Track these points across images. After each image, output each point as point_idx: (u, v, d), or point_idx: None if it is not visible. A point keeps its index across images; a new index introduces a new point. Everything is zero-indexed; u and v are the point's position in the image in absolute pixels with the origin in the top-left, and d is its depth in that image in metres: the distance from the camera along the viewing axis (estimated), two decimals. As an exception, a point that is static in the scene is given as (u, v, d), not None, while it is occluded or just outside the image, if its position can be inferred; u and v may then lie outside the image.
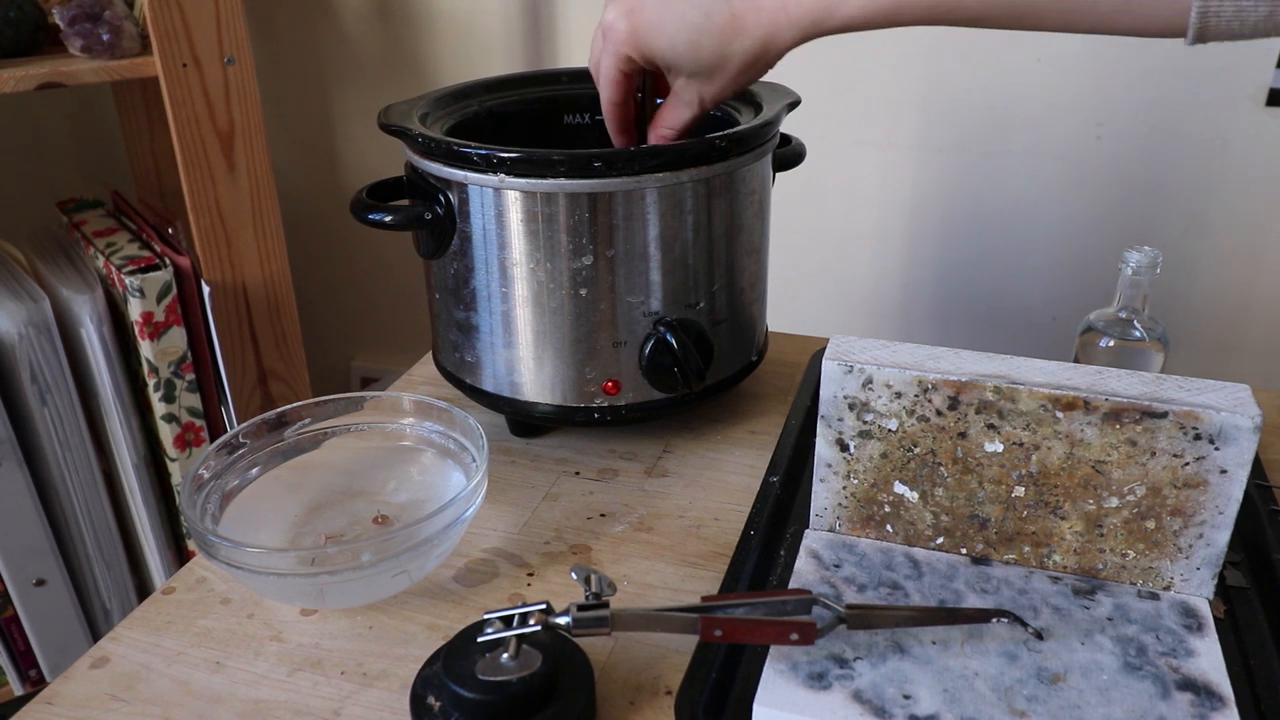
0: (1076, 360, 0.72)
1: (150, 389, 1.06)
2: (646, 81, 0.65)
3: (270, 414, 0.62)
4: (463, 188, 0.63)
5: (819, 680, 0.46)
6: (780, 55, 0.55)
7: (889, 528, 0.56)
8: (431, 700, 0.46)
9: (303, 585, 0.51)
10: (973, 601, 0.51)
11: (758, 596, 0.49)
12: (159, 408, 1.07)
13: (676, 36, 0.54)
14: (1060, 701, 0.45)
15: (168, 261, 1.02)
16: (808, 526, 0.57)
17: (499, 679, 0.44)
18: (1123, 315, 0.70)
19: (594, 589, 0.47)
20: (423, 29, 1.32)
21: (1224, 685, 0.46)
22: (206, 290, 1.04)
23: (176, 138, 1.01)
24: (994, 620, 0.48)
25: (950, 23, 0.50)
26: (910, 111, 1.12)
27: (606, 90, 0.60)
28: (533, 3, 1.24)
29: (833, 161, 1.17)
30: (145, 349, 1.03)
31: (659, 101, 0.65)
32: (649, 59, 0.56)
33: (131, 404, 1.07)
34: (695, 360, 0.65)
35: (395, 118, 0.67)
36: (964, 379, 0.51)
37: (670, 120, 0.61)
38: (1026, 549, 0.54)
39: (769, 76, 0.75)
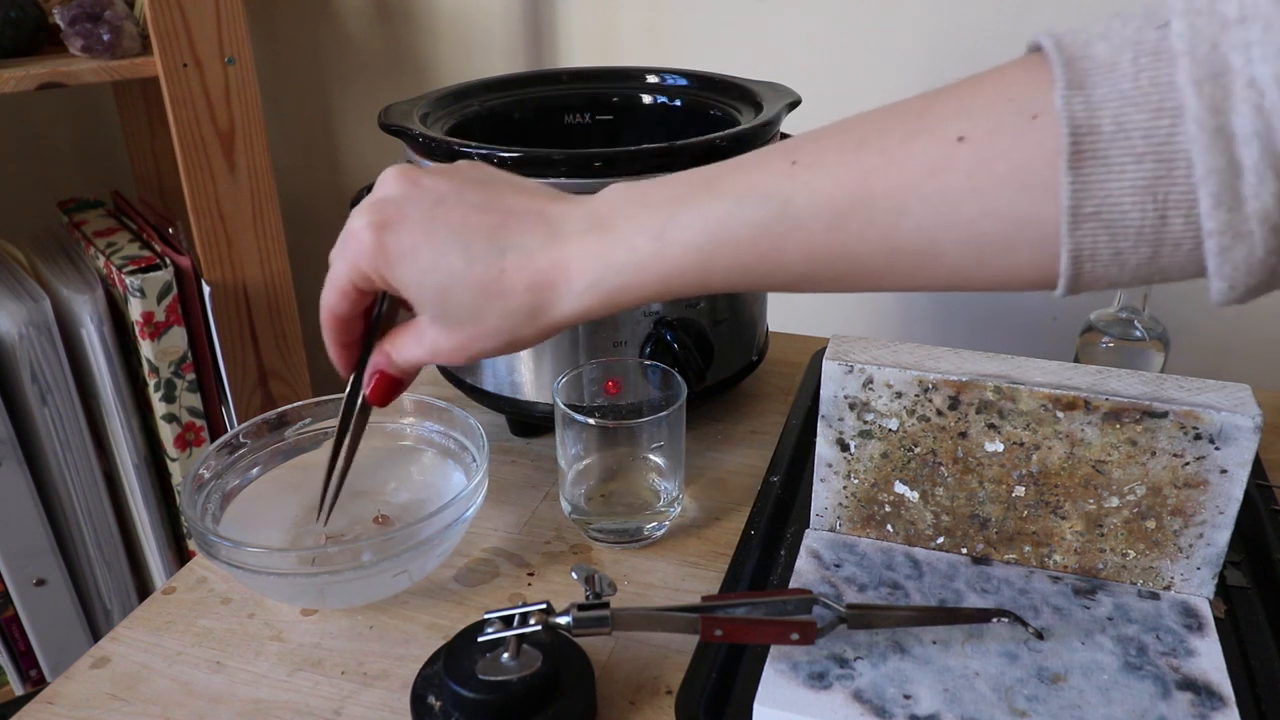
0: (1077, 360, 0.72)
1: (150, 389, 1.05)
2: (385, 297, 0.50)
3: (271, 414, 0.62)
4: (463, 188, 0.63)
5: (819, 680, 0.46)
6: (559, 329, 0.44)
7: (889, 527, 0.56)
8: (432, 700, 0.46)
9: (303, 585, 0.51)
10: (973, 601, 0.51)
11: (758, 596, 0.49)
12: (159, 408, 1.07)
13: (426, 276, 0.43)
14: (1061, 701, 0.45)
15: (168, 261, 1.02)
16: (808, 526, 0.57)
17: (499, 679, 0.44)
18: (1123, 315, 0.70)
19: (594, 589, 0.47)
20: (423, 29, 1.32)
21: (1224, 685, 0.46)
22: (207, 290, 1.04)
23: (177, 138, 1.01)
24: (994, 620, 0.48)
25: (766, 288, 0.42)
26: (910, 111, 1.12)
27: (330, 297, 0.47)
28: (533, 3, 1.24)
29: (833, 161, 1.16)
30: (145, 349, 1.03)
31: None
32: (391, 286, 0.44)
33: (132, 404, 1.07)
34: (695, 360, 0.65)
35: (396, 118, 0.67)
36: (964, 379, 0.51)
37: (403, 351, 0.48)
38: (1027, 549, 0.54)
39: (769, 76, 0.76)
